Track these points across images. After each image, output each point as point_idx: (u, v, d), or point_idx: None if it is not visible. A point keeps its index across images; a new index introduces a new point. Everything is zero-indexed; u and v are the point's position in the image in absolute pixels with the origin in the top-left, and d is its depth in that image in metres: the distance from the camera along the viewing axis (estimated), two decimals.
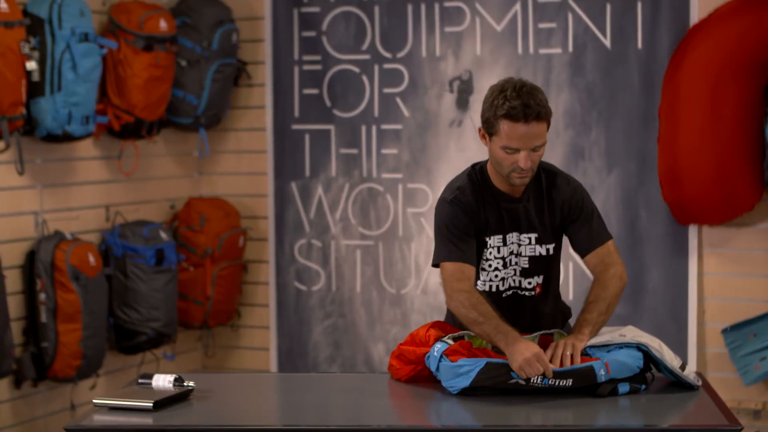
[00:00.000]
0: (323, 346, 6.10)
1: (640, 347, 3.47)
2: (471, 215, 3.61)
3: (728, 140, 5.25)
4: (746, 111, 5.24)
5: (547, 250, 3.67)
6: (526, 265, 3.67)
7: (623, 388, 3.44)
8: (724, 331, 5.43)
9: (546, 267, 3.69)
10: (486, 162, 3.68)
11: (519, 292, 3.68)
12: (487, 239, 3.64)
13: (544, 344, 3.55)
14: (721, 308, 5.49)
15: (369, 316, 6.03)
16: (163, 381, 3.48)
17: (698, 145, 5.28)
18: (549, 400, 3.39)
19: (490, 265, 3.66)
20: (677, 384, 3.53)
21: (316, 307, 6.12)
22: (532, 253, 3.66)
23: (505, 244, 3.65)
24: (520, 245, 3.65)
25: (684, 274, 5.50)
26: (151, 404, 3.31)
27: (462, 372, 3.42)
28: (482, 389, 3.42)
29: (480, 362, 3.41)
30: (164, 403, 3.35)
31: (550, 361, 3.41)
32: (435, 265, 3.67)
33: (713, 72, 5.23)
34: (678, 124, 5.32)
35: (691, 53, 5.30)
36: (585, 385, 3.42)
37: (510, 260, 3.66)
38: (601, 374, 3.41)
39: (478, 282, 3.66)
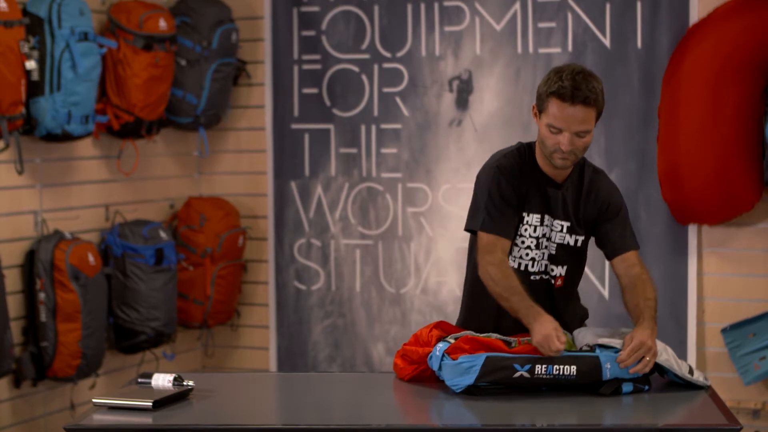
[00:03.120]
0: (323, 345, 6.10)
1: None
2: (514, 184, 3.63)
3: (728, 140, 5.25)
4: (746, 111, 5.24)
5: (576, 241, 3.68)
6: (553, 252, 3.69)
7: (626, 387, 3.44)
8: (724, 331, 5.43)
9: (571, 258, 3.71)
10: (535, 142, 3.71)
11: (544, 276, 3.70)
12: (525, 215, 3.66)
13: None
14: (721, 308, 5.49)
15: (368, 315, 6.03)
16: (162, 380, 3.48)
17: (698, 145, 5.28)
18: (550, 399, 3.38)
19: (522, 242, 3.67)
20: (679, 384, 3.53)
21: (316, 306, 6.11)
22: (561, 241, 3.68)
23: (542, 224, 3.66)
24: (552, 230, 3.67)
25: (683, 273, 5.50)
26: (151, 404, 3.31)
27: (464, 369, 3.41)
28: (486, 387, 3.41)
29: (480, 357, 3.40)
30: (164, 402, 3.35)
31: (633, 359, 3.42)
32: (471, 230, 3.68)
33: (713, 72, 5.23)
34: (677, 124, 5.32)
35: (691, 53, 5.29)
36: (589, 381, 3.41)
37: (542, 243, 3.68)
38: (607, 368, 3.40)
39: (512, 255, 3.67)
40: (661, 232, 5.52)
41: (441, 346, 3.49)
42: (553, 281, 3.70)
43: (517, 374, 3.39)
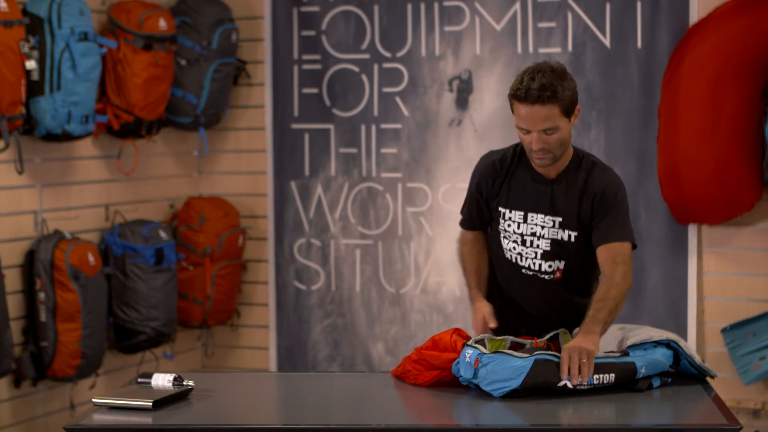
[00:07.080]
0: (323, 345, 6.10)
1: (670, 344, 3.52)
2: (487, 176, 3.76)
3: (728, 140, 5.25)
4: (746, 110, 5.24)
5: (569, 236, 3.68)
6: (548, 248, 3.69)
7: (655, 382, 3.49)
8: (724, 331, 5.43)
9: (568, 253, 3.70)
10: None
11: (539, 275, 3.71)
12: (504, 210, 3.72)
13: (555, 350, 3.55)
14: (721, 308, 5.49)
15: (368, 315, 6.03)
16: (162, 380, 3.48)
17: (698, 145, 5.29)
18: (556, 397, 3.38)
19: (509, 236, 3.75)
20: (677, 383, 3.54)
21: (316, 306, 6.11)
22: (554, 237, 3.68)
23: (525, 221, 3.68)
24: (543, 227, 3.67)
25: (683, 273, 5.50)
26: (151, 403, 3.31)
27: (509, 373, 3.35)
28: (528, 391, 3.37)
29: (528, 360, 3.35)
30: (163, 402, 3.35)
31: (568, 373, 3.37)
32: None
33: (713, 71, 5.23)
34: (677, 124, 5.32)
35: (691, 53, 5.30)
36: (623, 382, 3.44)
37: (531, 241, 3.69)
38: (642, 372, 3.44)
39: (503, 246, 3.77)
40: (661, 232, 5.52)
41: (471, 353, 3.43)
42: (551, 276, 3.70)
43: (561, 384, 3.36)
